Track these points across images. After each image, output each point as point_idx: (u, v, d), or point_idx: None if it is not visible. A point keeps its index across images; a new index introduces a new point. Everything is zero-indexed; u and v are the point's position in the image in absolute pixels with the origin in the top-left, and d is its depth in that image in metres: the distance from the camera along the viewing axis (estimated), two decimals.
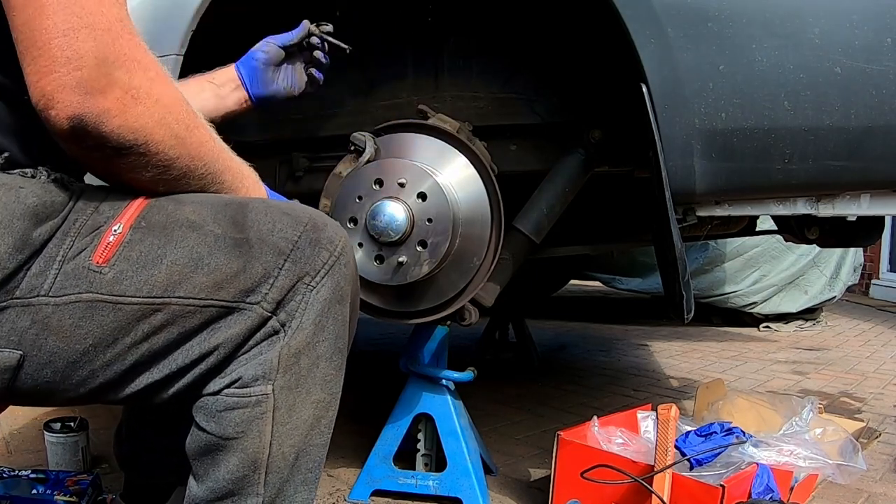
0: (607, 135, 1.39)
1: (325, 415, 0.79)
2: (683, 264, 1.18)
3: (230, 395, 0.74)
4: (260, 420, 0.74)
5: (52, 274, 0.70)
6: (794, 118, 1.10)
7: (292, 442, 0.76)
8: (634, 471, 1.25)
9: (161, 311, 0.71)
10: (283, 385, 0.74)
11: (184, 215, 0.75)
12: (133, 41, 0.71)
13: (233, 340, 0.74)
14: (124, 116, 0.68)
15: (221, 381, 0.74)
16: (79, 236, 0.72)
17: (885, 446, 1.91)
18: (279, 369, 0.74)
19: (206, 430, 0.75)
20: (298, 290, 0.75)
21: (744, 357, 3.25)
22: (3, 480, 1.35)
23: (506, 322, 2.87)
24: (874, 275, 6.02)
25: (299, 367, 0.75)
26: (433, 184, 1.21)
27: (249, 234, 0.75)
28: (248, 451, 0.74)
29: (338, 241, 0.78)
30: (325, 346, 0.77)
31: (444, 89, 1.45)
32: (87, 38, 0.67)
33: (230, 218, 0.76)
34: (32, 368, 0.70)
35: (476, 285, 1.30)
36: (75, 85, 0.66)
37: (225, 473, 0.74)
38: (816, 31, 1.08)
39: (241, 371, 0.74)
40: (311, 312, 0.75)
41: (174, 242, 0.73)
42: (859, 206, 1.21)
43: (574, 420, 1.72)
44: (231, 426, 0.74)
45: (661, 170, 1.13)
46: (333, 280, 0.77)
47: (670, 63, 1.10)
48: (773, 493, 1.28)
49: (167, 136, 0.72)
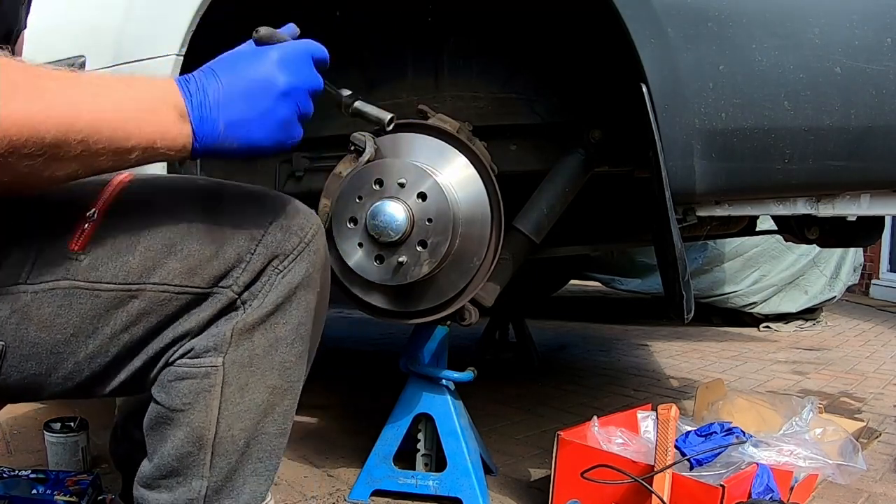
0: (607, 135, 1.39)
1: (280, 402, 0.78)
2: (683, 264, 1.18)
3: (181, 364, 0.74)
4: (207, 393, 0.73)
5: (29, 262, 0.70)
6: (794, 118, 1.10)
7: (242, 425, 0.75)
8: (634, 471, 1.25)
9: (137, 297, 0.71)
10: (234, 360, 0.74)
11: (157, 200, 0.75)
12: None
13: (202, 323, 0.74)
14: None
15: (176, 352, 0.74)
16: (56, 223, 0.72)
17: (885, 446, 1.91)
18: (231, 342, 0.73)
19: (157, 400, 0.75)
20: (266, 272, 0.75)
21: (744, 357, 3.25)
22: (3, 480, 1.35)
23: (506, 322, 2.87)
24: (874, 275, 6.02)
25: (253, 344, 0.75)
26: (433, 184, 1.21)
27: (222, 220, 0.75)
28: (194, 424, 0.73)
29: (308, 227, 0.78)
30: (286, 330, 0.76)
31: (444, 89, 1.46)
32: None
33: (203, 203, 0.76)
34: (16, 360, 0.71)
35: (476, 285, 1.30)
36: None
37: (171, 449, 0.74)
38: (816, 31, 1.08)
39: (194, 342, 0.74)
40: (274, 293, 0.75)
41: (148, 228, 0.73)
42: (859, 206, 1.21)
43: (574, 420, 1.72)
44: (179, 397, 0.73)
45: (661, 170, 1.13)
46: (302, 266, 0.76)
47: (670, 63, 1.10)
48: (773, 493, 1.28)
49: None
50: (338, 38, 1.24)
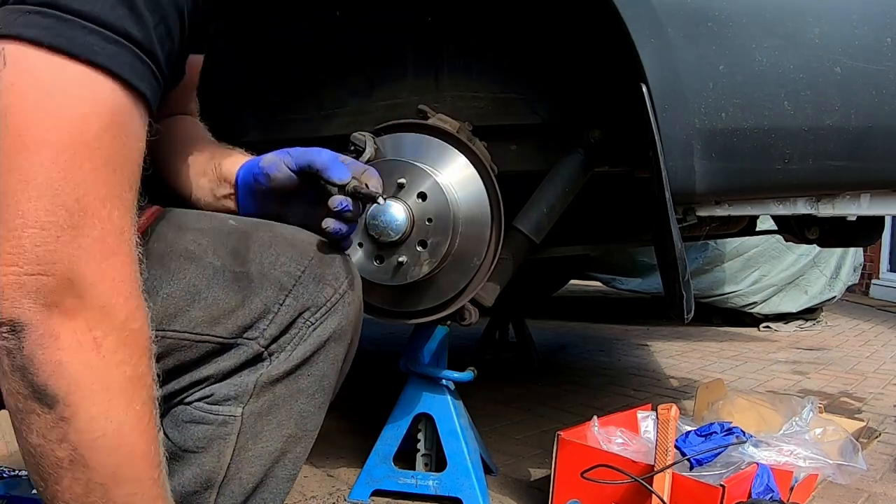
0: (607, 135, 1.39)
1: (292, 450, 0.76)
2: (683, 264, 1.18)
3: (199, 408, 0.71)
4: (223, 441, 0.71)
5: None
6: (794, 118, 1.10)
7: (253, 470, 0.74)
8: (634, 471, 1.25)
9: (156, 343, 0.68)
10: (253, 411, 0.72)
11: (183, 245, 0.72)
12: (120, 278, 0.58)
13: (224, 371, 0.72)
14: (73, 356, 0.56)
15: (194, 393, 0.72)
16: None
17: (885, 446, 1.91)
18: (253, 394, 0.72)
19: (167, 435, 0.72)
20: (297, 324, 0.72)
21: (744, 357, 3.25)
22: (3, 480, 1.35)
23: (506, 322, 2.87)
24: (874, 275, 6.02)
25: (274, 395, 0.73)
26: (433, 184, 1.21)
27: (250, 268, 0.72)
28: (205, 467, 0.72)
29: (344, 277, 0.75)
30: (308, 382, 0.74)
31: (444, 89, 1.45)
32: (68, 242, 0.55)
33: (231, 249, 0.73)
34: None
35: (476, 285, 1.30)
36: (35, 290, 0.54)
37: (176, 485, 0.72)
38: (816, 31, 1.08)
39: (214, 388, 0.71)
40: (302, 347, 0.73)
41: (171, 274, 0.70)
42: (859, 206, 1.21)
43: (574, 420, 1.72)
44: (192, 440, 0.71)
45: (661, 170, 1.13)
46: (334, 319, 0.74)
47: (670, 63, 1.10)
48: (773, 493, 1.28)
49: (98, 437, 0.57)
50: (341, 40, 1.24)
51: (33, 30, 0.55)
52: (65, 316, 0.55)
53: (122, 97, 0.59)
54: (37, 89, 0.55)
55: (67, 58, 0.55)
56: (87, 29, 0.56)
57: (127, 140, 0.59)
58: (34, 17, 0.55)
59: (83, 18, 0.56)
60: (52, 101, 0.55)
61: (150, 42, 0.60)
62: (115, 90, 0.58)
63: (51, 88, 0.55)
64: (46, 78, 0.55)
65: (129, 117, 0.60)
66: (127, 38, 0.58)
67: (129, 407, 0.59)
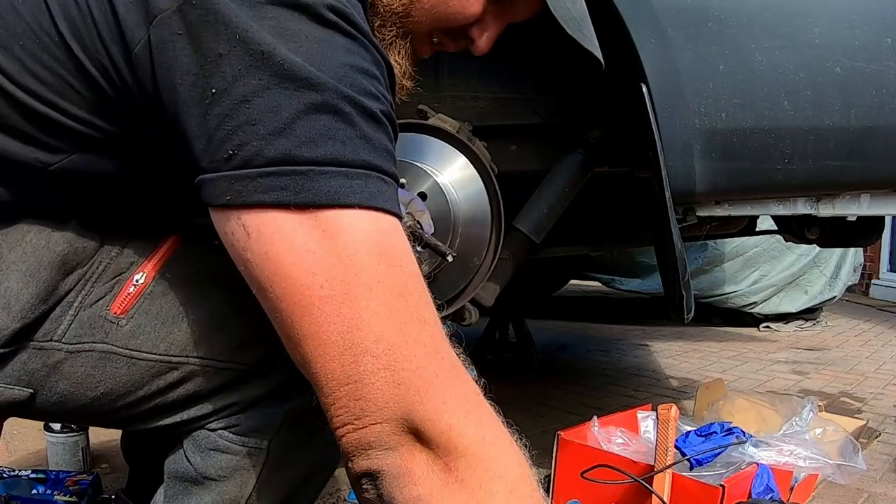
0: (607, 135, 1.39)
1: (314, 479, 0.76)
2: (683, 264, 1.18)
3: (223, 436, 0.70)
4: (246, 472, 0.70)
5: (66, 320, 0.66)
6: (794, 118, 1.10)
7: (274, 498, 0.72)
8: (634, 471, 1.25)
9: (177, 369, 0.68)
10: (280, 443, 0.71)
11: (210, 268, 0.70)
12: (452, 379, 0.57)
13: (250, 400, 0.70)
14: (428, 488, 0.54)
15: (218, 420, 0.70)
16: (98, 281, 0.68)
17: (885, 446, 1.91)
18: (281, 427, 0.70)
19: (189, 460, 0.71)
20: None
21: (744, 357, 3.25)
22: (3, 480, 1.35)
23: (506, 322, 2.87)
24: (874, 275, 6.02)
25: (302, 429, 0.71)
26: (433, 184, 1.21)
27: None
28: (226, 496, 0.70)
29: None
30: None
31: (444, 89, 1.45)
32: (385, 384, 0.53)
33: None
34: (44, 404, 0.68)
35: (476, 285, 1.30)
36: (369, 442, 0.54)
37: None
38: (816, 32, 1.08)
39: (241, 418, 0.70)
40: None
41: (197, 300, 0.69)
42: (859, 206, 1.21)
43: (574, 420, 1.72)
44: (214, 468, 0.70)
45: (661, 170, 1.13)
46: None
47: (670, 63, 1.10)
48: (773, 493, 1.28)
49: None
50: None
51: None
52: (408, 453, 0.55)
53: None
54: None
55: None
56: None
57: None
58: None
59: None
60: None
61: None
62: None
63: None
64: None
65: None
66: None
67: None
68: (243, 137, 0.53)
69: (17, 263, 0.64)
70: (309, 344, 0.54)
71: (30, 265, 0.64)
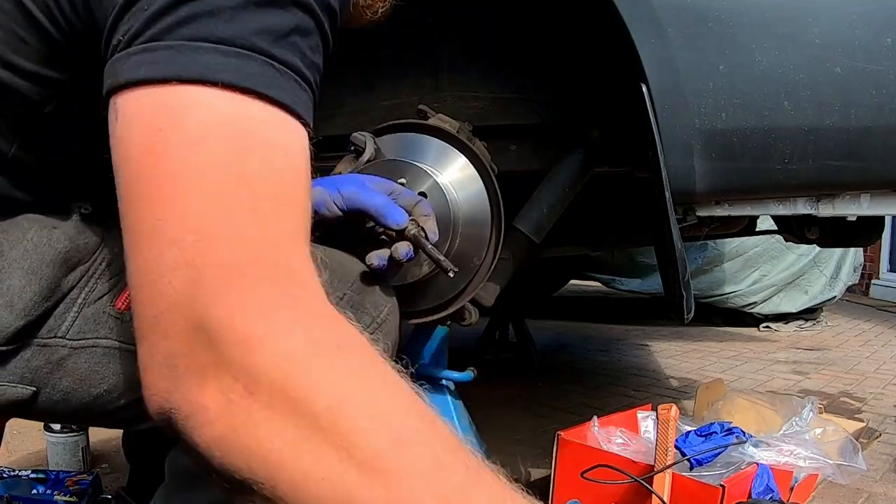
0: (607, 135, 1.39)
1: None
2: (683, 264, 1.18)
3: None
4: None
5: (70, 316, 0.66)
6: (794, 118, 1.10)
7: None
8: (634, 471, 1.25)
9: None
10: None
11: None
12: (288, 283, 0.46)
13: None
14: (228, 425, 0.41)
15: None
16: (101, 278, 0.67)
17: (885, 446, 1.91)
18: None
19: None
20: None
21: (744, 357, 3.25)
22: (3, 480, 1.35)
23: (506, 322, 2.87)
24: (874, 275, 6.02)
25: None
26: (433, 184, 1.21)
27: None
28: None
29: (383, 306, 0.74)
30: None
31: (444, 89, 1.45)
32: (181, 283, 0.43)
33: None
34: (47, 403, 0.68)
35: (476, 285, 1.30)
36: (162, 361, 0.44)
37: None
38: (816, 31, 1.08)
39: None
40: None
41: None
42: (859, 206, 1.21)
43: (574, 420, 1.72)
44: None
45: (661, 170, 1.13)
46: None
47: (670, 63, 1.10)
48: (773, 493, 1.28)
49: (325, 482, 0.41)
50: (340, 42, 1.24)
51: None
52: (198, 380, 0.45)
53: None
54: None
55: None
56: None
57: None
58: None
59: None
60: None
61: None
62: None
63: None
64: None
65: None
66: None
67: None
68: (131, 23, 0.50)
69: (19, 261, 0.63)
70: (126, 236, 0.46)
71: (32, 263, 0.64)
